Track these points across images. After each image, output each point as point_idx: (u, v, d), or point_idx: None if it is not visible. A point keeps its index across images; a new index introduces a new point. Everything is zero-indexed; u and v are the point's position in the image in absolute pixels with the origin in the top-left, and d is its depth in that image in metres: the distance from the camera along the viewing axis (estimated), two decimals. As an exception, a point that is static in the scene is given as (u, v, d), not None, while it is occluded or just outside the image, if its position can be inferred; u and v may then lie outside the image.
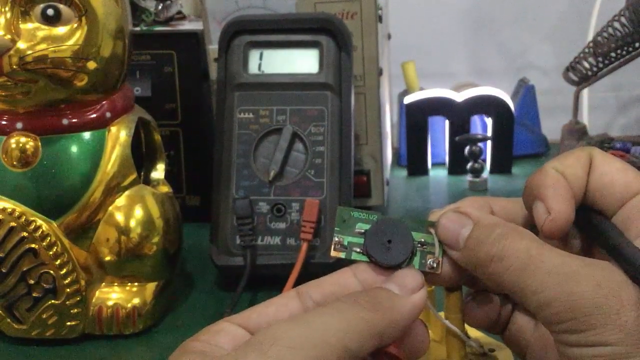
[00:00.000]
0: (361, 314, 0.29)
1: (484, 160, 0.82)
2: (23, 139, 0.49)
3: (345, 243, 0.33)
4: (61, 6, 0.47)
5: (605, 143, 0.78)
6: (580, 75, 0.80)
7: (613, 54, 0.76)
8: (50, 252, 0.49)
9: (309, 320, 0.28)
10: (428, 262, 0.33)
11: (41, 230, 0.49)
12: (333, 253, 0.33)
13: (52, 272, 0.49)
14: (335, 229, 0.33)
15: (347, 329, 0.28)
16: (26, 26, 0.46)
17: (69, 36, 0.47)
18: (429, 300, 0.40)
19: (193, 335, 0.30)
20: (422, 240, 0.33)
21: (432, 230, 0.33)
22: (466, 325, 0.44)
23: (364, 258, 0.33)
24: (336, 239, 0.33)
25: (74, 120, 0.50)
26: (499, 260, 0.30)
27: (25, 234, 0.48)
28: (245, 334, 0.30)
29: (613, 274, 0.29)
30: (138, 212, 0.51)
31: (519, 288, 0.30)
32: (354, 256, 0.33)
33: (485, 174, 0.81)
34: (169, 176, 0.59)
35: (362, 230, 0.33)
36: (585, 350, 0.28)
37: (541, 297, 0.29)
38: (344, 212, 0.33)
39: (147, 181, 0.57)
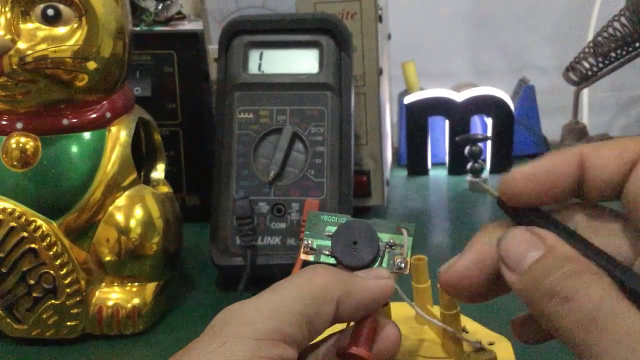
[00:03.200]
0: (315, 279, 0.29)
1: (484, 160, 0.82)
2: (23, 139, 0.49)
3: (315, 246, 0.34)
4: (61, 6, 0.47)
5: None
6: (580, 75, 0.80)
7: (613, 54, 0.76)
8: (51, 252, 0.49)
9: (263, 294, 0.29)
10: (396, 263, 0.33)
11: (41, 230, 0.49)
12: (303, 256, 0.34)
13: (52, 272, 0.49)
14: (305, 232, 0.34)
15: (301, 295, 0.28)
16: (26, 26, 0.46)
17: (69, 36, 0.47)
18: (418, 307, 0.40)
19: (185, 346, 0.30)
20: (391, 241, 0.34)
21: (404, 231, 0.34)
22: (467, 319, 0.44)
23: (332, 260, 0.33)
24: (305, 242, 0.34)
25: (74, 120, 0.50)
26: (563, 300, 0.24)
27: (25, 234, 0.48)
28: None
29: None
30: (138, 212, 0.51)
31: (577, 342, 0.24)
32: (322, 259, 0.33)
33: (485, 174, 0.81)
34: (169, 176, 0.59)
35: (331, 233, 0.33)
36: None
37: None
38: (313, 216, 0.34)
39: (147, 181, 0.57)
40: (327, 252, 0.33)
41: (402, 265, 0.33)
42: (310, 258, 0.33)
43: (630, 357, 0.22)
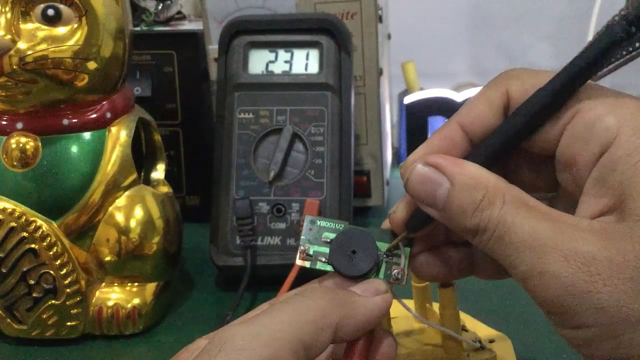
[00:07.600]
0: (313, 304, 0.28)
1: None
2: (23, 139, 0.49)
3: (311, 252, 0.33)
4: (61, 6, 0.47)
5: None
6: (580, 76, 0.80)
7: (613, 54, 0.76)
8: (51, 253, 0.49)
9: (259, 318, 0.28)
10: (393, 274, 0.33)
11: (41, 230, 0.49)
12: (298, 262, 0.33)
13: (52, 272, 0.49)
14: (302, 237, 0.33)
15: (298, 321, 0.28)
16: (26, 26, 0.46)
17: (69, 36, 0.47)
18: (418, 305, 0.40)
19: (174, 356, 0.30)
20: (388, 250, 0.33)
21: (400, 242, 0.33)
22: (467, 317, 0.44)
23: (329, 268, 0.33)
24: (302, 248, 0.33)
25: (74, 120, 0.50)
26: (482, 232, 0.29)
27: (25, 234, 0.48)
28: None
29: (576, 243, 0.27)
30: (138, 213, 0.51)
31: (499, 257, 0.28)
32: (319, 266, 0.33)
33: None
34: (169, 176, 0.59)
35: (328, 240, 0.33)
36: (565, 332, 0.27)
37: (518, 273, 0.28)
38: (311, 220, 0.33)
39: (147, 181, 0.57)
40: (323, 260, 0.33)
41: (399, 276, 0.33)
42: (306, 264, 0.33)
43: (529, 263, 0.27)
